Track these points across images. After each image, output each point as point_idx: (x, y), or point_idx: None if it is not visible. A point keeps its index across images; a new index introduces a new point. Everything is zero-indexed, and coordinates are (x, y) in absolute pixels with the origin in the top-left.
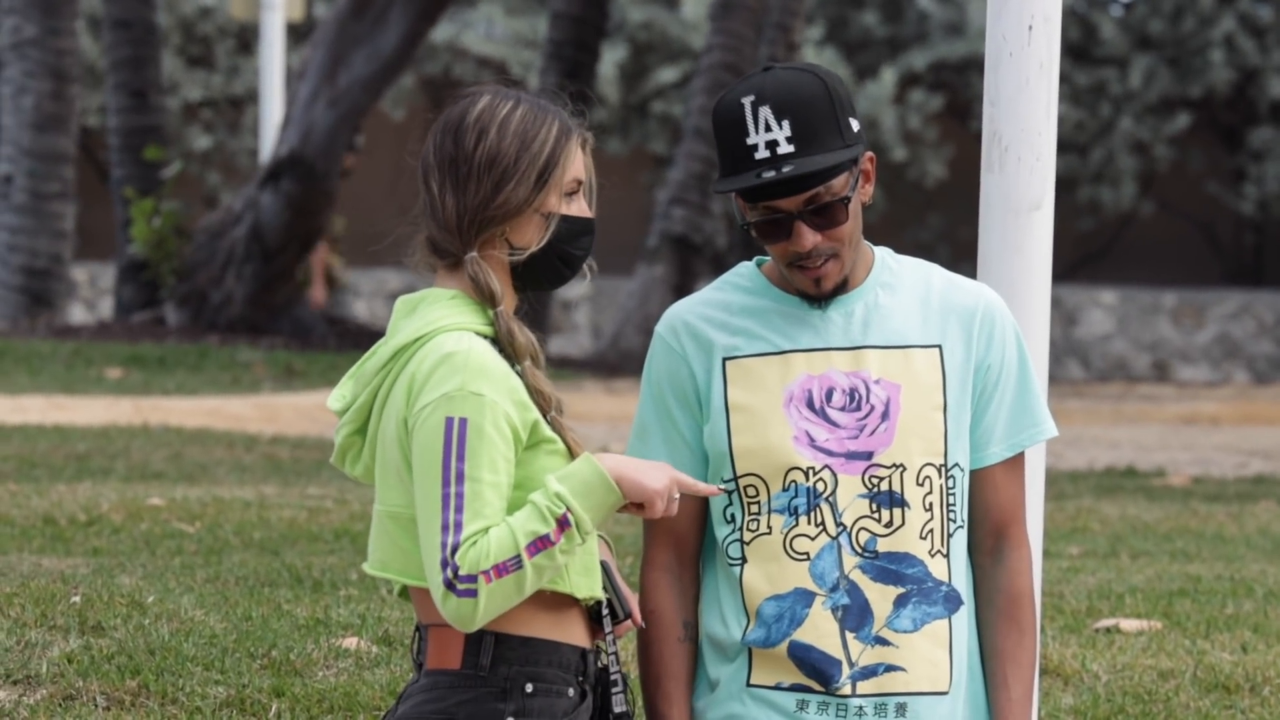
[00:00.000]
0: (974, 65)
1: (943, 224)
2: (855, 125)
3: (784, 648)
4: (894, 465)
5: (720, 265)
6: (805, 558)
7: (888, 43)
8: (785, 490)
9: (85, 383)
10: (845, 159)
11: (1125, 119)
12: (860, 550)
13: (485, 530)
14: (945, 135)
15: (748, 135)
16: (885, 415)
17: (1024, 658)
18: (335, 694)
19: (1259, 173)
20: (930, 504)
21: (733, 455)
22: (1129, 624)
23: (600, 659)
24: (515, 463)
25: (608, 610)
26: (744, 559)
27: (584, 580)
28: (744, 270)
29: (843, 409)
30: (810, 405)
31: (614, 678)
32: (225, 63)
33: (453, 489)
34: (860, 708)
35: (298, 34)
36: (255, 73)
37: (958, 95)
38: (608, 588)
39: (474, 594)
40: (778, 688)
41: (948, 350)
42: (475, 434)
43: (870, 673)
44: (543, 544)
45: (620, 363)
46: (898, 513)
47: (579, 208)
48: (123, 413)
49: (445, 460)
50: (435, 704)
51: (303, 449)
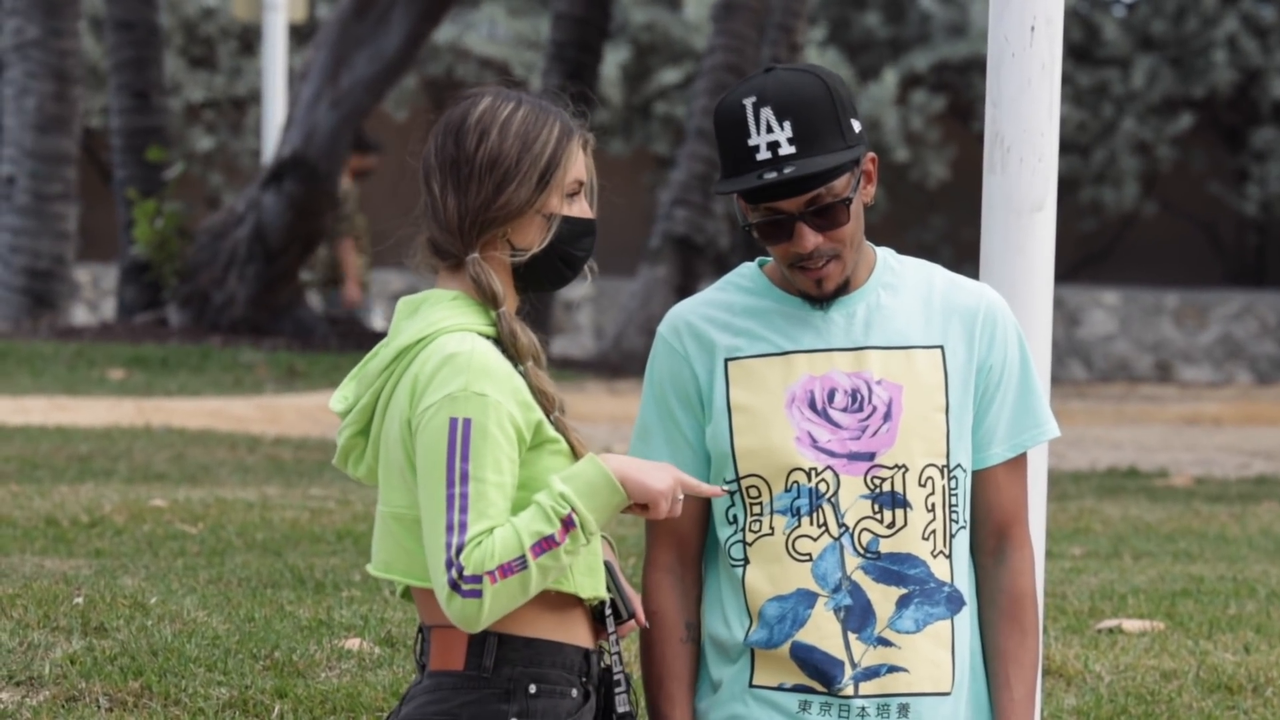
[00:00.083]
0: (976, 66)
1: (945, 225)
2: (857, 126)
3: (786, 648)
4: (896, 466)
5: (723, 266)
6: (807, 558)
7: (890, 44)
8: (787, 491)
9: (88, 384)
10: (847, 160)
11: (1128, 119)
12: (862, 551)
13: (490, 531)
14: (947, 136)
15: (749, 136)
16: (887, 416)
17: (1026, 658)
18: (338, 695)
19: (1262, 173)
20: (932, 505)
21: (735, 456)
22: (1131, 624)
23: (603, 659)
24: (519, 463)
25: (611, 610)
26: (746, 560)
27: (588, 580)
28: (746, 271)
29: (845, 410)
30: (812, 406)
31: (617, 678)
32: (228, 64)
33: (457, 489)
34: (863, 709)
35: (300, 35)
36: (258, 74)
37: (960, 96)
38: (611, 588)
39: (479, 595)
40: (780, 688)
41: (950, 351)
42: (479, 434)
43: (873, 673)
44: (548, 544)
45: (622, 363)
46: (900, 513)
47: (580, 209)
48: (125, 414)
49: (449, 461)
50: (438, 705)
51: (305, 450)
